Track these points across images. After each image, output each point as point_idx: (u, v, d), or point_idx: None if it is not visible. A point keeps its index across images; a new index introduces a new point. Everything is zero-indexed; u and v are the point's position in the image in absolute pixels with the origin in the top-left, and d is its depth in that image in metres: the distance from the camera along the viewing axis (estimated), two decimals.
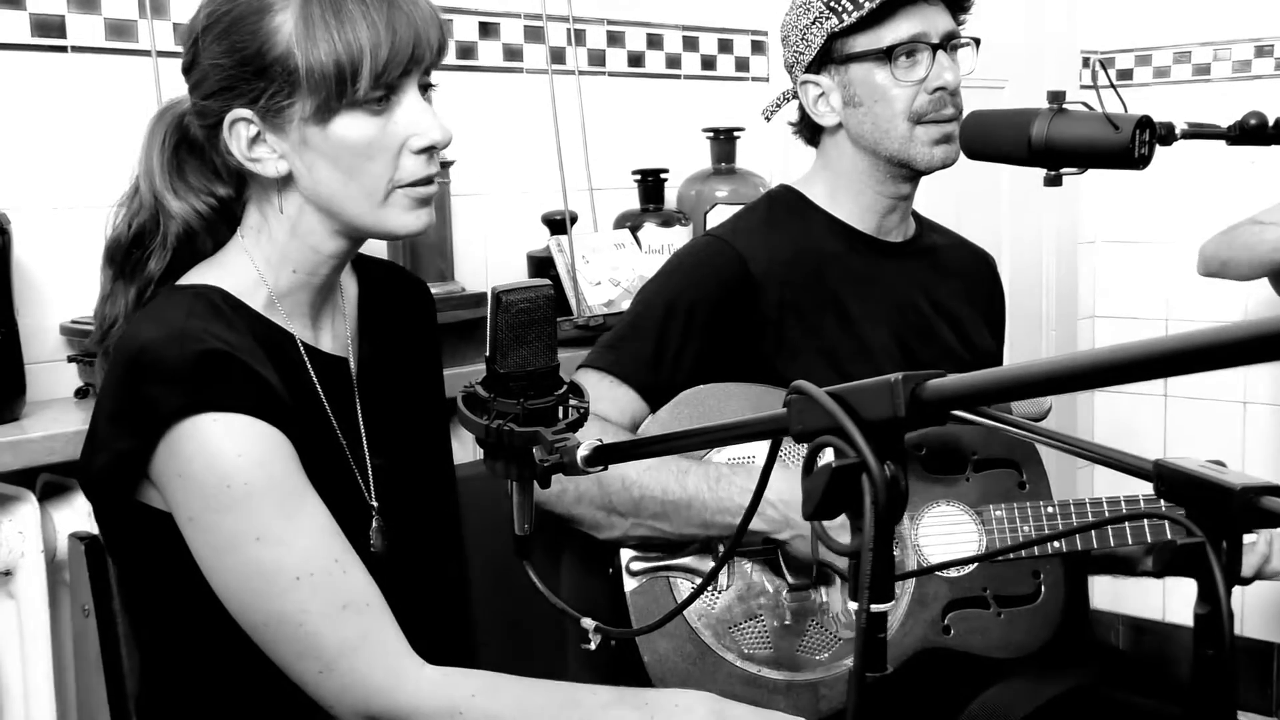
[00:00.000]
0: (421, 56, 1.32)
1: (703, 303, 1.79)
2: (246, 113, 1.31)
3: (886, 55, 1.80)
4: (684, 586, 1.72)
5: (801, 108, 1.93)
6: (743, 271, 1.81)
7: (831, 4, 1.81)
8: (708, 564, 1.72)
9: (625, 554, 1.73)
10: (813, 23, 1.84)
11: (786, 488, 1.66)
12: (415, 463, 1.53)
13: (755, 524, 1.66)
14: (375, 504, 1.44)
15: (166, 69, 1.99)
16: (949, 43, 1.83)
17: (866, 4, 1.79)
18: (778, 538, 1.69)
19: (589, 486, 1.66)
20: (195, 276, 1.38)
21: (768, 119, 2.01)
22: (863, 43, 1.82)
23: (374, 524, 1.43)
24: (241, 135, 1.32)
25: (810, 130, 1.95)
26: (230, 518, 1.25)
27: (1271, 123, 1.52)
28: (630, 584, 1.71)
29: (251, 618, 1.28)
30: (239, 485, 1.25)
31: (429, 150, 1.34)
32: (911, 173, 1.87)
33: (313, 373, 1.41)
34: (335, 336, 1.47)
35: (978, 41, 1.87)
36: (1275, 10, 3.35)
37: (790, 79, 1.93)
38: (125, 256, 1.41)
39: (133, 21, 2.02)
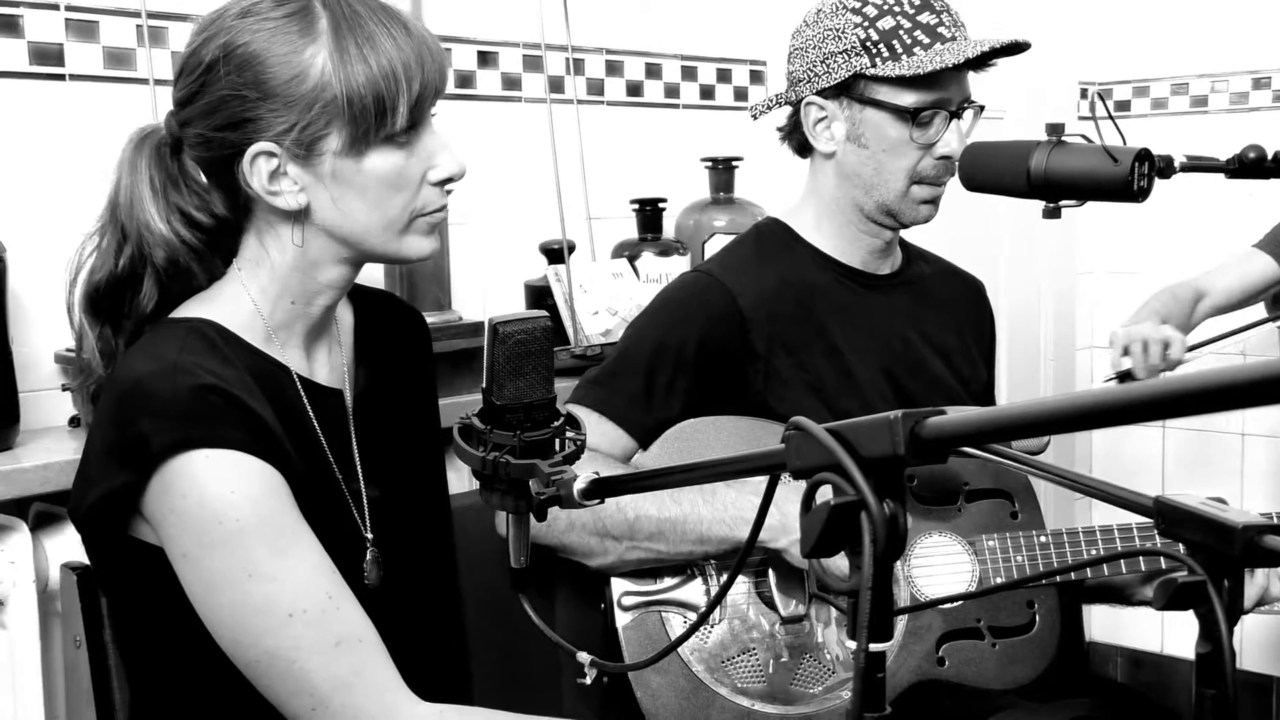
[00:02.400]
0: (442, 87, 1.34)
1: (692, 339, 1.78)
2: (270, 146, 1.29)
3: (910, 115, 1.78)
4: (676, 620, 1.71)
5: (794, 121, 1.91)
6: (732, 307, 1.80)
7: (868, 44, 1.77)
8: (700, 597, 1.72)
9: (617, 589, 1.71)
10: (841, 52, 1.79)
11: (780, 496, 1.65)
12: (411, 494, 1.52)
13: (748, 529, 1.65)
14: (370, 536, 1.43)
15: (165, 98, 1.99)
16: (963, 108, 1.82)
17: (905, 60, 1.75)
18: (774, 546, 1.66)
19: (581, 513, 1.65)
20: (189, 310, 1.37)
21: (755, 117, 1.99)
22: (887, 93, 1.79)
23: (368, 556, 1.42)
24: (262, 169, 1.30)
25: (799, 145, 1.93)
26: (222, 554, 1.24)
27: (1270, 156, 1.52)
28: (622, 619, 1.70)
29: (244, 654, 1.27)
30: (231, 522, 1.23)
31: (446, 181, 1.36)
32: (893, 224, 1.87)
33: (308, 405, 1.40)
34: (331, 368, 1.46)
35: (983, 108, 1.86)
36: (1272, 43, 3.36)
37: (790, 90, 1.90)
38: (117, 300, 1.38)
39: (131, 50, 2.02)
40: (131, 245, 1.37)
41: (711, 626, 1.70)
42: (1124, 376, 2.44)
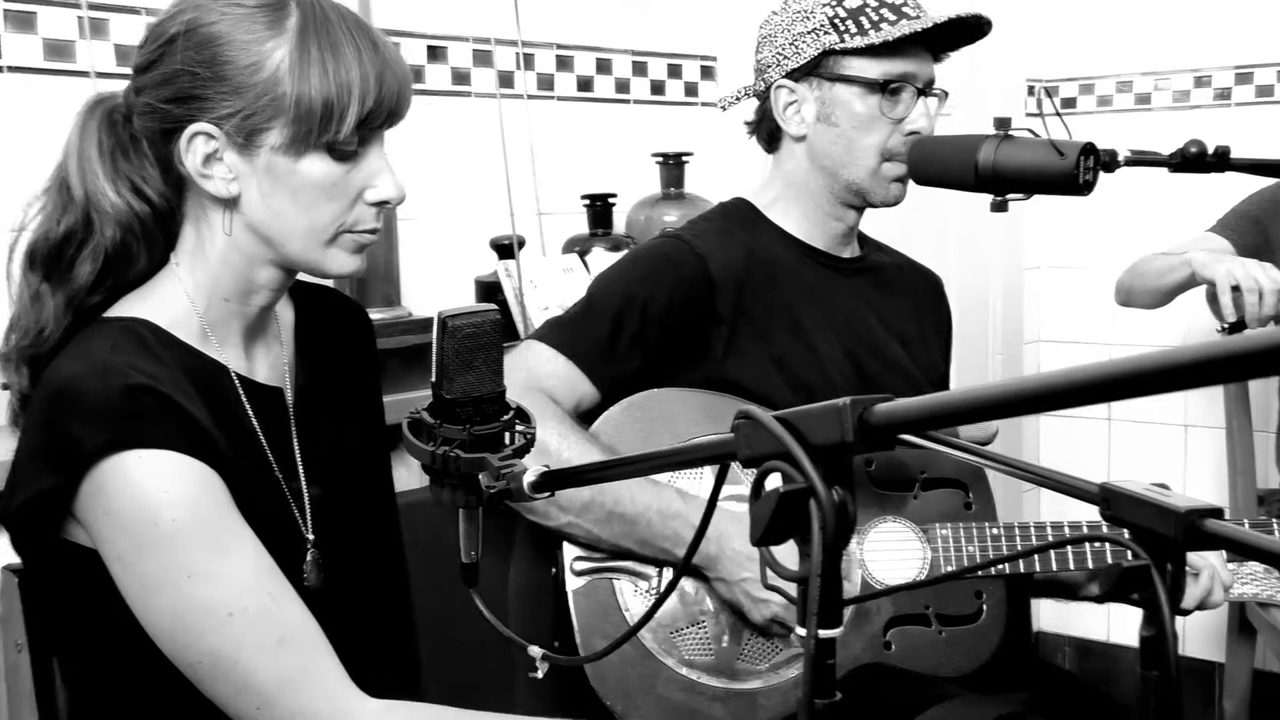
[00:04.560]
0: (398, 112, 1.33)
1: (662, 296, 1.79)
2: (211, 128, 1.28)
3: (880, 88, 1.82)
4: (627, 587, 1.72)
5: (764, 111, 1.93)
6: (702, 270, 1.81)
7: (835, 21, 1.82)
8: (651, 567, 1.73)
9: (569, 553, 1.72)
10: (810, 32, 1.83)
11: (730, 529, 1.67)
12: (355, 492, 1.51)
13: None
14: (311, 537, 1.42)
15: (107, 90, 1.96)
16: (929, 89, 1.86)
17: (872, 33, 1.80)
18: (705, 573, 1.70)
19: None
20: (123, 309, 1.35)
21: (724, 109, 2.00)
22: (857, 68, 1.82)
23: (309, 557, 1.41)
24: (199, 149, 1.29)
25: (768, 135, 1.95)
26: (159, 556, 1.22)
27: (1211, 151, 1.54)
28: (573, 584, 1.71)
29: (185, 655, 1.25)
30: (167, 523, 1.22)
31: (382, 204, 1.35)
32: (862, 203, 1.89)
33: (247, 404, 1.38)
34: (271, 365, 1.45)
35: (947, 94, 1.89)
36: (1213, 42, 3.41)
37: (759, 79, 1.92)
38: (55, 256, 1.35)
39: (71, 42, 1.99)
40: (77, 211, 1.35)
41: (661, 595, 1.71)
42: (1235, 327, 2.41)
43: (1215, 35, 3.40)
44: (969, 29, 1.85)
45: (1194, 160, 1.54)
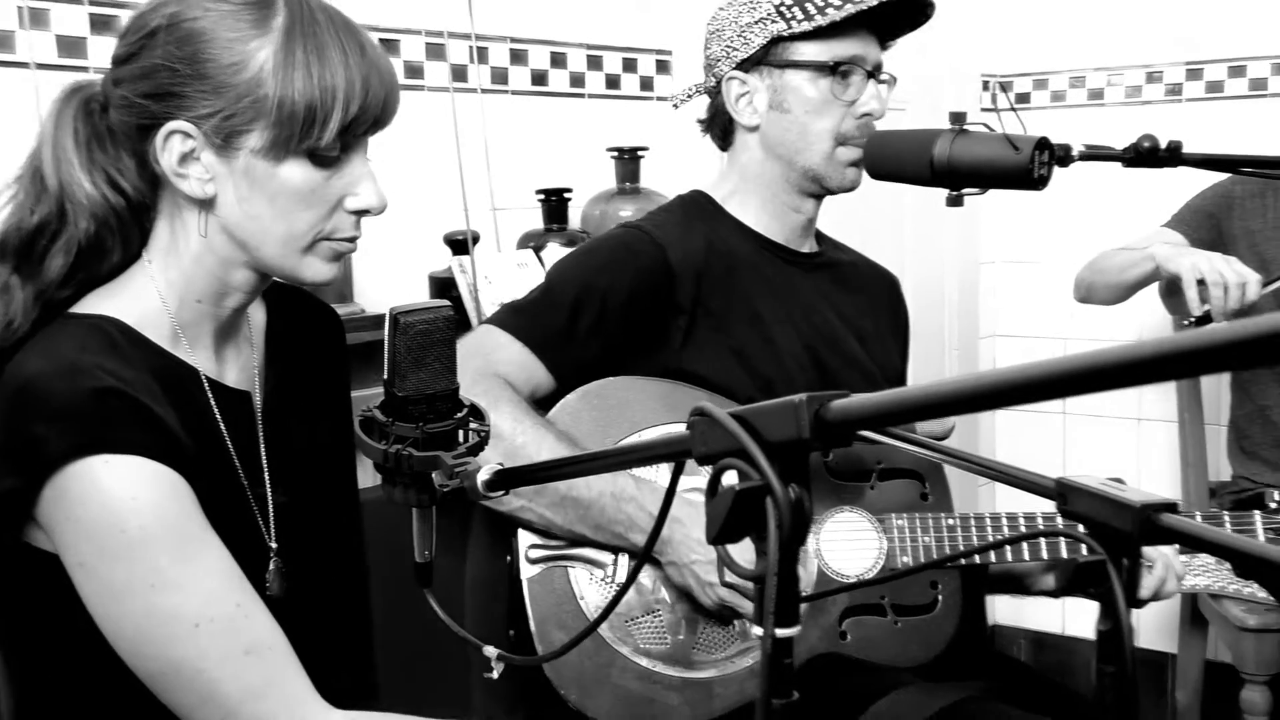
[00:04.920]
0: (383, 120, 1.31)
1: (622, 286, 1.79)
2: (189, 127, 1.25)
3: (829, 70, 1.83)
4: (582, 576, 1.71)
5: (716, 106, 1.93)
6: (662, 261, 1.81)
7: (781, 9, 1.83)
8: (607, 555, 1.72)
9: (524, 541, 1.71)
10: (757, 22, 1.85)
11: (684, 514, 1.67)
12: (321, 498, 1.49)
13: (639, 539, 1.67)
14: (274, 545, 1.40)
15: (47, 81, 1.93)
16: (878, 73, 1.87)
17: (818, 17, 1.81)
18: (656, 557, 1.70)
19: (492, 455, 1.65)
20: (92, 305, 1.31)
21: (676, 106, 2.01)
22: (807, 52, 1.84)
23: (271, 566, 1.39)
24: (175, 148, 1.26)
25: (722, 131, 1.95)
26: (124, 564, 1.20)
27: (1164, 146, 1.54)
28: (528, 571, 1.70)
29: (147, 665, 1.23)
30: (133, 530, 1.19)
31: (363, 213, 1.32)
32: (819, 190, 1.89)
33: (215, 409, 1.36)
34: (241, 369, 1.42)
35: (895, 79, 1.90)
36: (1164, 39, 3.43)
37: (710, 75, 1.93)
38: (27, 247, 1.31)
39: (10, 32, 1.96)
40: (51, 201, 1.31)
41: (617, 586, 1.70)
42: (1201, 321, 2.42)
43: (1166, 32, 3.43)
44: (914, 11, 1.86)
45: (1147, 155, 1.54)
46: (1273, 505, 1.86)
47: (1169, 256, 2.53)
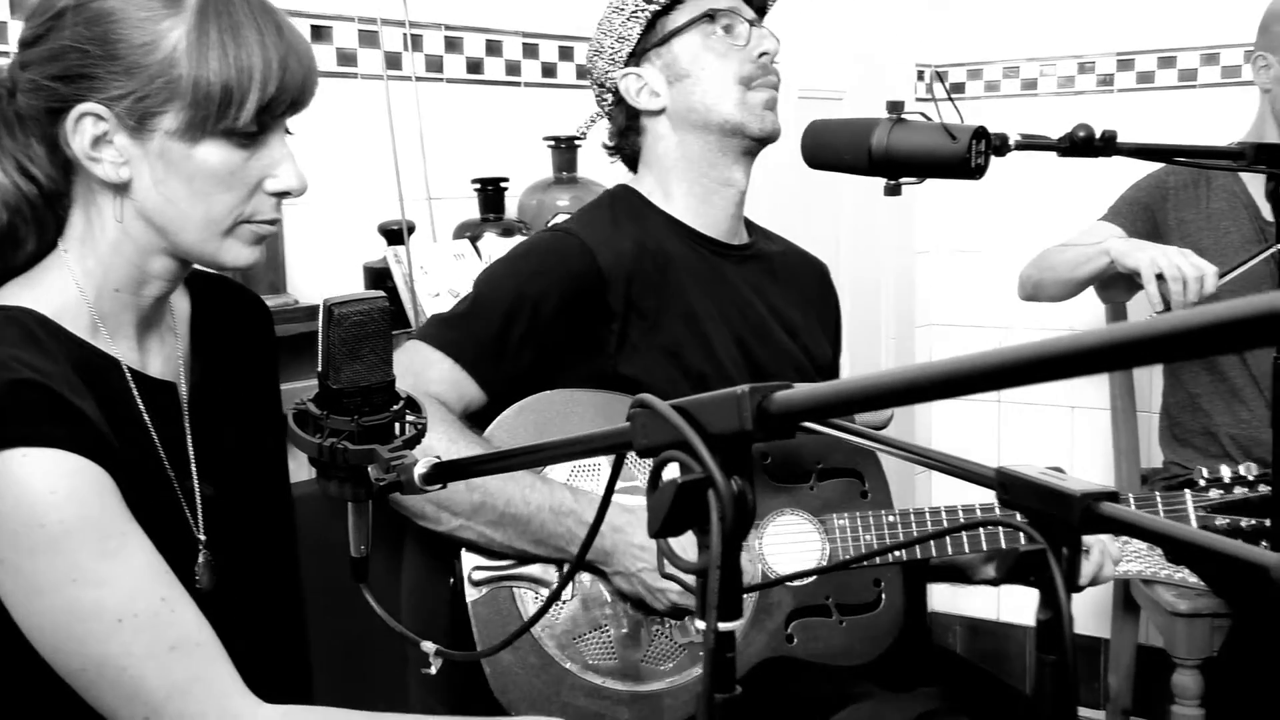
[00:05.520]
0: (301, 100, 1.29)
1: (553, 294, 1.77)
2: (101, 109, 1.22)
3: (709, 19, 1.86)
4: (528, 597, 1.69)
5: (620, 118, 1.94)
6: (592, 265, 1.79)
7: None
8: (552, 574, 1.70)
9: (467, 563, 1.69)
10: (628, 18, 1.88)
11: (624, 522, 1.66)
12: (249, 490, 1.46)
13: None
14: (203, 537, 1.37)
15: None
16: (757, 23, 1.91)
17: None
18: (602, 568, 1.69)
19: None
20: (8, 296, 1.28)
21: (583, 137, 2.03)
22: (684, 14, 1.87)
23: (200, 558, 1.36)
24: (87, 131, 1.23)
25: (631, 142, 1.95)
26: (44, 559, 1.17)
27: (1098, 136, 1.55)
28: (472, 594, 1.68)
29: (68, 662, 1.20)
30: (53, 524, 1.16)
31: (283, 194, 1.30)
32: (742, 145, 1.89)
33: (139, 400, 1.33)
34: (165, 359, 1.39)
35: (779, 41, 1.93)
36: (1096, 29, 3.47)
37: (604, 91, 1.96)
38: None
39: None
40: None
41: (563, 604, 1.69)
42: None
43: (1098, 23, 3.47)
44: None
45: (1082, 144, 1.55)
46: (1201, 483, 1.89)
47: (1125, 252, 2.56)
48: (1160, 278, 2.45)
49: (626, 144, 1.96)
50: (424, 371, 1.71)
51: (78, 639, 1.19)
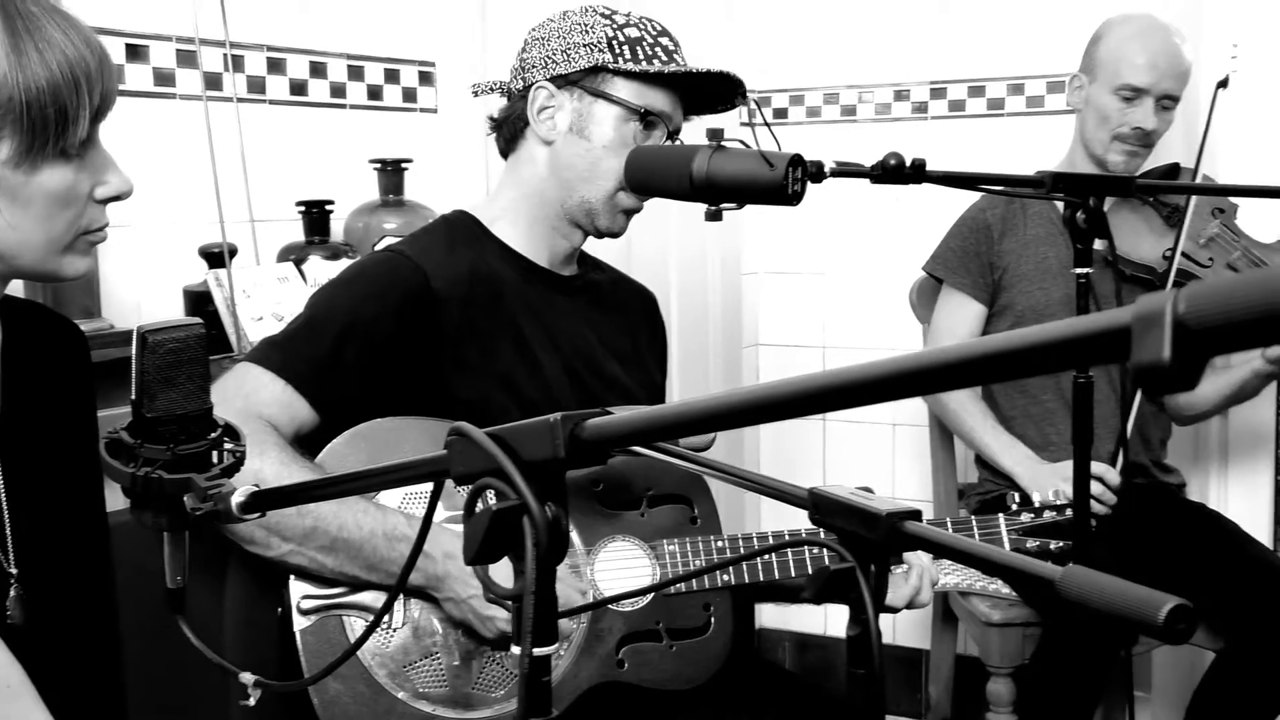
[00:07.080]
0: (112, 96, 1.24)
1: (387, 316, 1.75)
2: None
3: (639, 116, 1.85)
4: (358, 625, 1.67)
5: (515, 110, 1.92)
6: (425, 288, 1.78)
7: (614, 43, 1.85)
8: (381, 601, 1.68)
9: (295, 592, 1.66)
10: (585, 44, 1.85)
11: (455, 548, 1.65)
12: (63, 522, 1.41)
13: (414, 577, 1.65)
14: (14, 571, 1.32)
15: None
16: (675, 136, 1.90)
17: (645, 64, 1.84)
18: (433, 594, 1.68)
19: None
20: None
21: (475, 95, 1.99)
22: (623, 91, 1.86)
23: (12, 593, 1.31)
24: None
25: (510, 135, 1.94)
26: None
27: (909, 164, 1.61)
28: (301, 623, 1.65)
29: None
30: None
31: (113, 199, 1.28)
32: (588, 226, 1.91)
33: None
34: None
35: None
36: (912, 59, 3.59)
37: (519, 78, 1.91)
38: None
39: None
40: None
41: (394, 631, 1.67)
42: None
43: (913, 53, 3.59)
44: (725, 94, 1.92)
45: (893, 172, 1.61)
46: (1013, 507, 1.97)
47: (1031, 483, 2.64)
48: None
49: (508, 131, 1.94)
50: (255, 393, 1.68)
51: None
